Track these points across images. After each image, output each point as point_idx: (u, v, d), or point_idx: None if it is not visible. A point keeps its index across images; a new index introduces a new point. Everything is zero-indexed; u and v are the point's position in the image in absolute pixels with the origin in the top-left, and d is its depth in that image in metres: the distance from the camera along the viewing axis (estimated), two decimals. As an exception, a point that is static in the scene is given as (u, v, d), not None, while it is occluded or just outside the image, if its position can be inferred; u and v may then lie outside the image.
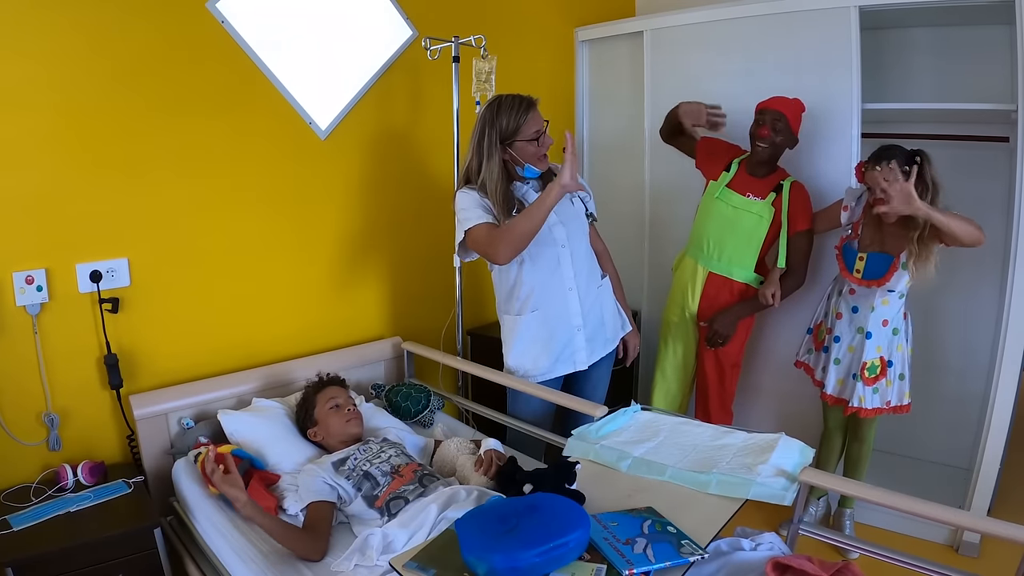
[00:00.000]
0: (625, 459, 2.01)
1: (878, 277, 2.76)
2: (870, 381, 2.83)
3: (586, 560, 1.50)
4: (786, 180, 3.02)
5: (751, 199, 3.03)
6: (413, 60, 3.17)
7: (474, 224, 2.42)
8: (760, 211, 3.02)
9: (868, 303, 2.81)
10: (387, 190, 3.21)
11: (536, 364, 2.63)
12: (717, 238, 3.09)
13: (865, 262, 2.78)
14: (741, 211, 3.04)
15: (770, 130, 2.91)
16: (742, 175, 3.08)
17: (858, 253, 2.81)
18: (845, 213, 2.92)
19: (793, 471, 1.92)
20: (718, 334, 3.07)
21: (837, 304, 2.93)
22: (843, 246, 2.88)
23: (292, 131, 2.86)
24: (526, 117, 2.43)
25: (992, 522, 1.81)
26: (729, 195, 3.06)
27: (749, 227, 3.04)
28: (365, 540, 1.82)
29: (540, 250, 2.52)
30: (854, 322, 2.86)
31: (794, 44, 3.26)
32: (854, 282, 2.82)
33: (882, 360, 2.83)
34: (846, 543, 1.97)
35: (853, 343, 2.87)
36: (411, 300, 3.40)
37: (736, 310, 3.08)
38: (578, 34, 4.09)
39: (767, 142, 2.93)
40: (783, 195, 3.00)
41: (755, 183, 3.05)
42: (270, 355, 2.90)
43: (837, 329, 2.91)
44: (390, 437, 2.40)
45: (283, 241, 2.89)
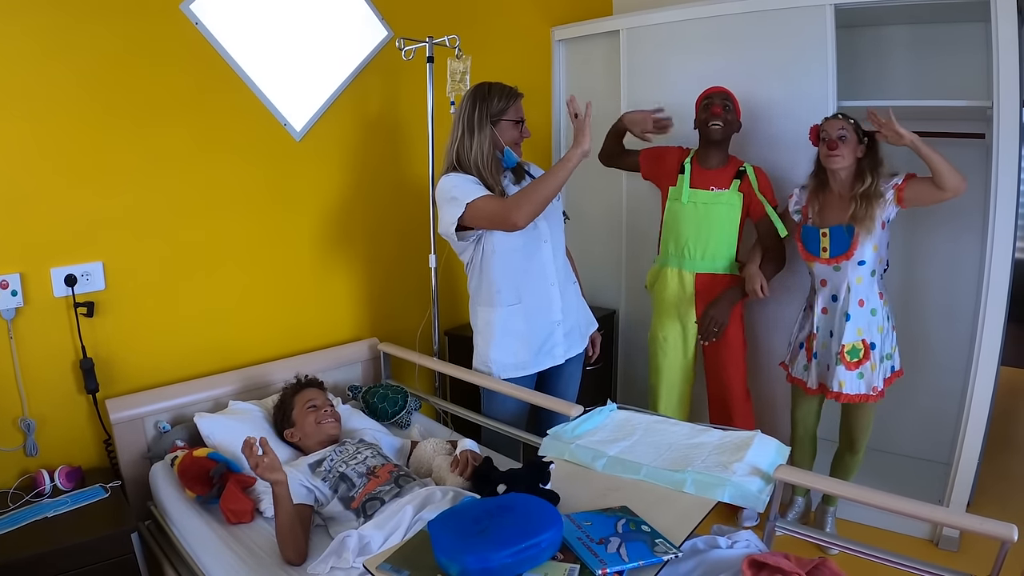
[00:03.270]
0: (600, 458, 2.01)
1: (845, 250, 2.75)
2: (852, 365, 2.81)
3: (559, 560, 1.50)
4: (745, 165, 3.06)
5: (716, 191, 3.05)
6: (388, 61, 3.16)
7: (476, 197, 2.40)
8: (729, 200, 3.05)
9: (844, 285, 2.79)
10: (362, 191, 3.21)
11: (516, 358, 2.63)
12: (696, 239, 3.09)
13: (829, 238, 2.78)
14: (711, 205, 3.06)
15: (721, 108, 2.98)
16: (698, 171, 3.10)
17: (820, 230, 2.80)
18: (791, 199, 2.99)
19: (768, 469, 1.93)
20: (715, 321, 3.03)
21: (817, 303, 2.90)
22: (801, 230, 2.88)
23: (267, 133, 2.85)
24: (514, 102, 2.50)
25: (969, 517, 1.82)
26: (695, 194, 3.08)
27: (724, 218, 3.06)
28: (341, 542, 1.82)
29: (527, 244, 2.54)
30: (837, 311, 2.83)
31: (770, 43, 3.28)
32: (822, 263, 2.81)
33: (864, 344, 2.80)
34: (823, 540, 1.99)
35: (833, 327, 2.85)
36: (388, 301, 3.39)
37: (727, 296, 3.06)
38: (555, 33, 4.10)
39: (720, 120, 2.98)
40: (749, 178, 3.04)
41: (714, 175, 3.07)
42: (247, 357, 2.89)
43: (824, 326, 2.89)
44: (366, 438, 2.40)
45: (259, 243, 2.88)
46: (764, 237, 3.07)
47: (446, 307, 3.52)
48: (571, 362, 2.77)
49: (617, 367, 4.09)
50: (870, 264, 2.75)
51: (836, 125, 2.74)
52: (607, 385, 4.06)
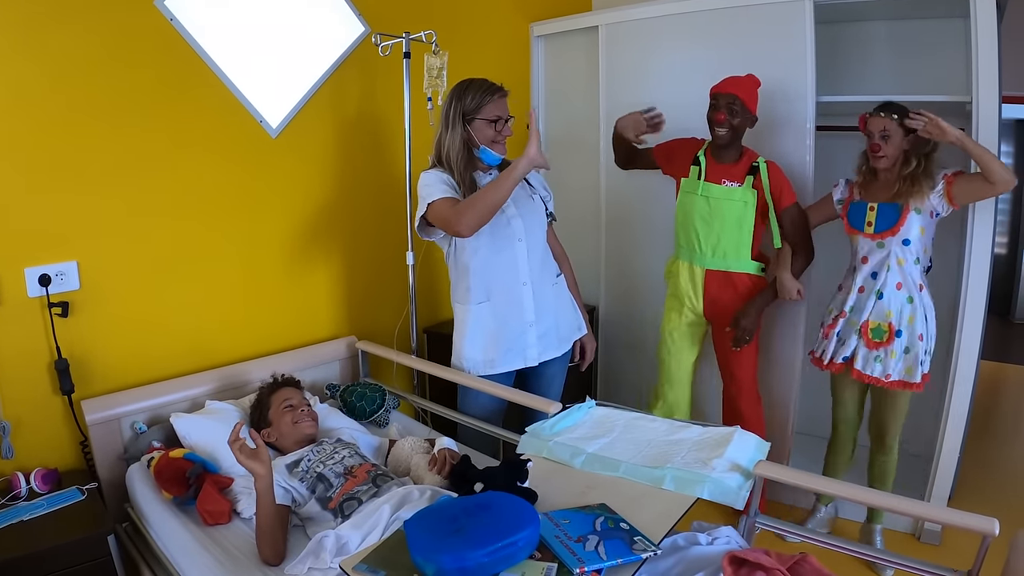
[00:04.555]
0: (579, 456, 2.00)
1: (891, 226, 2.71)
2: (872, 344, 2.78)
3: (537, 559, 1.49)
4: (758, 160, 2.96)
5: (729, 186, 2.96)
6: (365, 57, 3.14)
7: (436, 198, 2.42)
8: (743, 196, 2.95)
9: (884, 264, 2.74)
10: (339, 188, 3.19)
11: (485, 355, 2.63)
12: (706, 233, 3.02)
13: (876, 212, 2.74)
14: (723, 200, 2.97)
15: (725, 114, 2.87)
16: (712, 164, 3.01)
17: (868, 204, 2.77)
18: (836, 189, 2.94)
19: (748, 465, 1.92)
20: (746, 331, 2.97)
21: (855, 282, 2.83)
22: (848, 205, 2.86)
23: (243, 130, 2.83)
24: (490, 99, 2.48)
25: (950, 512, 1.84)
26: (706, 188, 2.98)
27: (735, 215, 2.97)
28: (319, 542, 1.80)
29: (496, 241, 2.53)
30: (874, 289, 2.78)
31: (749, 38, 3.28)
32: (866, 237, 2.77)
33: (890, 327, 2.75)
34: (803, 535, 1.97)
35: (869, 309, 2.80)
36: (366, 299, 3.38)
37: (757, 304, 2.99)
38: (533, 29, 4.09)
39: (724, 126, 2.88)
40: (761, 175, 2.94)
41: (728, 169, 2.98)
42: (224, 357, 2.87)
43: (858, 306, 2.83)
44: (344, 438, 2.38)
45: (236, 241, 2.86)
46: (788, 229, 2.99)
47: (425, 304, 3.51)
48: (551, 365, 2.76)
49: (598, 364, 4.07)
50: (915, 247, 2.70)
51: (879, 124, 2.69)
52: (588, 382, 4.04)
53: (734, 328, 3.00)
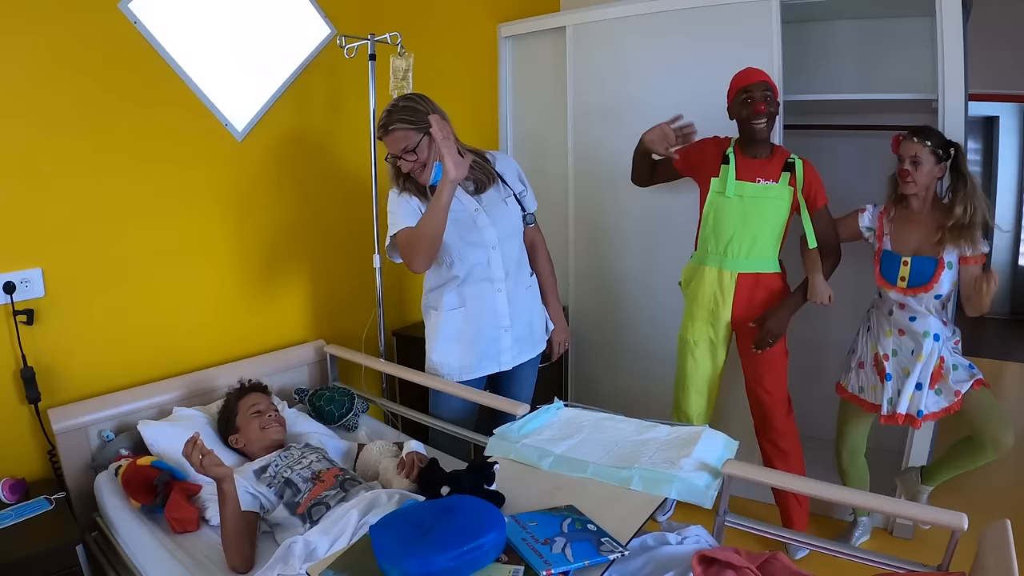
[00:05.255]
0: (546, 457, 2.01)
1: (925, 282, 2.67)
2: (931, 385, 2.72)
3: (504, 562, 1.49)
4: (793, 157, 2.83)
5: (765, 184, 2.81)
6: (331, 59, 3.13)
7: (398, 230, 2.42)
8: (779, 194, 2.81)
9: (922, 310, 2.70)
10: (305, 191, 3.17)
11: (461, 361, 2.62)
12: (740, 236, 2.85)
13: (910, 267, 2.69)
14: (759, 199, 2.81)
15: (764, 104, 2.72)
16: (744, 162, 2.85)
17: (902, 258, 2.71)
18: (863, 215, 2.87)
19: (716, 464, 1.93)
20: (771, 333, 2.84)
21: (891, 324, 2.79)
22: (882, 254, 2.80)
23: (208, 134, 2.80)
24: (380, 135, 2.45)
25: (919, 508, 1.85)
26: (740, 187, 2.82)
27: (771, 214, 2.83)
28: (288, 549, 1.78)
29: (470, 251, 2.51)
30: (917, 332, 2.72)
31: (716, 38, 3.29)
32: (899, 292, 2.72)
33: (941, 359, 2.71)
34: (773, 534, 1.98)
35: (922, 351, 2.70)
36: (334, 302, 3.36)
37: (789, 305, 2.88)
38: (501, 30, 4.08)
39: (765, 117, 2.73)
40: (797, 173, 2.80)
41: (761, 166, 2.83)
42: (191, 363, 2.84)
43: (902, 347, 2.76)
44: (312, 442, 2.37)
45: (201, 246, 2.84)
46: (821, 231, 2.85)
47: (393, 307, 3.49)
48: (523, 368, 2.75)
49: (569, 365, 4.08)
50: (945, 297, 2.69)
51: (911, 150, 2.63)
52: (559, 384, 4.05)
53: (758, 326, 2.88)
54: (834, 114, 3.45)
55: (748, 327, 2.93)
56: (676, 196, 3.38)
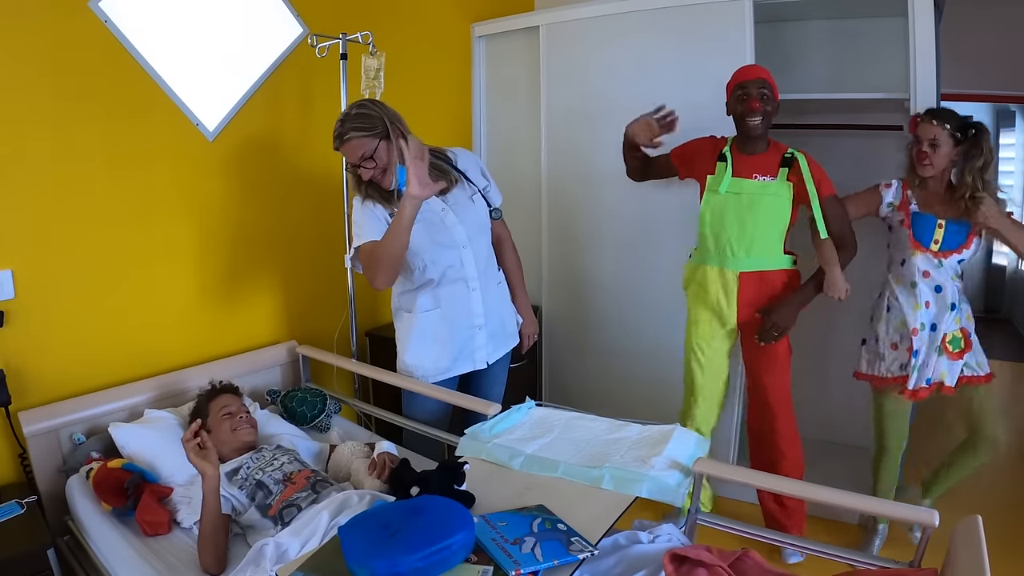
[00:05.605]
0: (517, 457, 2.00)
1: (957, 246, 2.67)
2: (955, 355, 2.72)
3: (473, 562, 1.48)
4: (791, 151, 2.78)
5: (762, 180, 2.77)
6: (303, 58, 3.11)
7: (362, 242, 2.41)
8: (777, 190, 2.76)
9: (948, 277, 2.70)
10: (277, 191, 3.15)
11: (436, 363, 2.60)
12: (739, 234, 2.81)
13: (944, 230, 2.67)
14: (757, 196, 2.77)
15: (760, 101, 2.69)
16: (741, 159, 2.82)
17: (937, 220, 2.68)
18: (887, 191, 2.83)
19: (687, 462, 1.93)
20: (776, 326, 2.78)
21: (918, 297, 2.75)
22: (911, 217, 2.75)
23: (179, 134, 2.78)
24: (337, 146, 2.43)
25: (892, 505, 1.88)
26: (738, 184, 2.79)
27: (771, 210, 2.77)
28: (259, 551, 1.78)
29: (442, 253, 2.49)
30: (943, 302, 2.72)
31: (689, 37, 3.30)
32: (929, 256, 2.70)
33: (964, 332, 2.72)
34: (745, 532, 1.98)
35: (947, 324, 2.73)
36: (306, 303, 3.34)
37: (798, 299, 2.82)
38: (475, 29, 4.07)
39: (759, 114, 2.70)
40: (801, 167, 2.74)
41: (758, 162, 2.80)
42: (163, 364, 2.82)
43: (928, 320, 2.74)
44: (283, 444, 2.36)
45: (173, 247, 2.81)
46: (831, 221, 2.77)
47: (366, 307, 3.48)
48: (495, 365, 2.74)
49: (543, 365, 4.08)
50: (966, 262, 2.71)
51: (929, 132, 2.64)
52: (533, 384, 4.05)
53: (763, 317, 2.83)
54: (807, 114, 3.46)
55: (752, 326, 2.89)
56: (652, 195, 3.39)
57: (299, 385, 3.11)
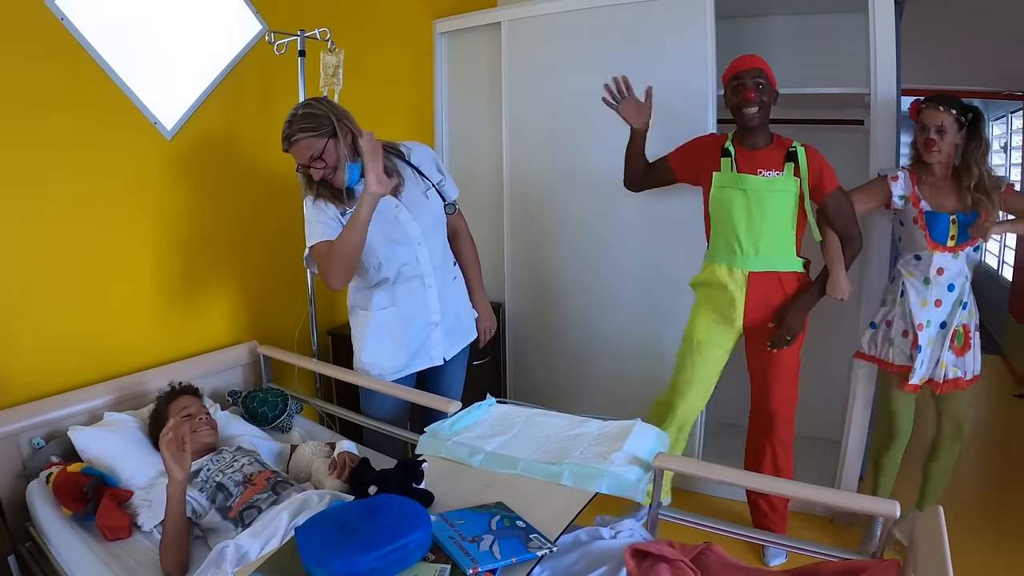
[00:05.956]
0: (477, 454, 2.00)
1: (971, 237, 2.66)
2: (959, 351, 2.74)
3: (431, 561, 1.48)
4: (795, 145, 2.72)
5: (768, 176, 2.69)
6: (262, 55, 3.07)
7: (315, 242, 2.39)
8: (784, 186, 2.69)
9: (960, 273, 2.72)
10: (236, 189, 3.11)
11: (392, 361, 2.59)
12: (747, 231, 2.73)
13: (958, 226, 2.66)
14: (763, 193, 2.69)
15: (754, 90, 2.64)
16: (744, 154, 2.74)
17: (950, 217, 2.68)
18: (896, 183, 2.77)
19: (647, 458, 1.93)
20: (791, 330, 2.73)
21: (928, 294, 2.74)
22: (927, 217, 2.71)
23: (136, 132, 2.74)
24: (288, 150, 2.40)
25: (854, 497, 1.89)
26: (742, 180, 2.71)
27: (779, 207, 2.71)
28: (220, 553, 1.77)
29: (396, 250, 2.47)
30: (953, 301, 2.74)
31: (652, 33, 3.31)
32: (947, 252, 2.68)
33: (965, 328, 2.74)
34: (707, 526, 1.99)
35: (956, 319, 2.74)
36: (266, 302, 3.30)
37: (805, 301, 2.76)
38: (437, 26, 4.05)
39: (755, 104, 2.64)
40: (800, 162, 2.69)
41: (762, 156, 2.72)
42: (123, 366, 2.77)
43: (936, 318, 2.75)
44: (244, 445, 2.34)
45: (131, 247, 2.77)
46: (835, 217, 2.74)
47: (326, 306, 3.45)
48: (453, 362, 2.73)
49: (507, 363, 4.08)
50: (979, 254, 2.72)
51: (935, 118, 2.61)
52: (497, 382, 4.04)
53: (778, 325, 2.77)
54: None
55: (760, 328, 2.83)
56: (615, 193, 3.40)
57: (260, 385, 3.08)
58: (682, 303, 3.12)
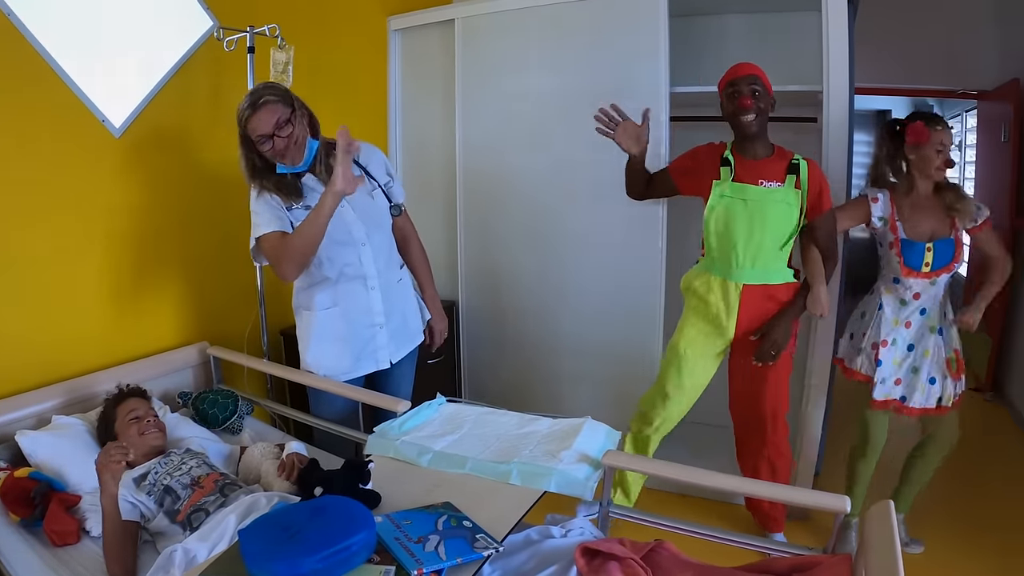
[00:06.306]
0: (426, 454, 1.99)
1: (948, 263, 2.68)
2: (956, 376, 2.77)
3: (375, 562, 1.47)
4: (797, 158, 2.68)
5: (769, 187, 2.64)
6: (212, 51, 3.03)
7: (264, 232, 2.35)
8: (785, 198, 2.63)
9: (935, 298, 2.76)
10: (185, 188, 3.07)
11: (338, 363, 2.57)
12: (746, 243, 2.66)
13: (933, 252, 2.68)
14: (764, 204, 2.63)
15: (751, 98, 2.59)
16: (744, 164, 2.68)
17: (924, 244, 2.69)
18: (876, 205, 2.80)
19: (597, 455, 1.94)
20: (776, 345, 2.71)
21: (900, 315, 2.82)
22: (901, 244, 2.74)
23: (84, 130, 2.69)
24: (249, 122, 2.31)
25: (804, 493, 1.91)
26: (742, 190, 2.65)
27: (779, 219, 2.64)
28: (168, 558, 1.76)
29: (339, 250, 2.45)
30: (924, 325, 2.79)
31: (605, 31, 3.32)
32: (923, 278, 2.71)
33: (956, 352, 2.78)
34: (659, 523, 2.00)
35: (928, 346, 2.78)
36: (217, 302, 3.26)
37: (790, 315, 2.73)
38: (391, 23, 4.03)
39: (752, 111, 2.59)
40: (801, 175, 2.64)
41: (762, 167, 2.67)
42: (70, 369, 2.71)
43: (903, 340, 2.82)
44: (193, 447, 2.32)
45: (77, 247, 2.71)
46: (823, 237, 2.73)
47: (279, 306, 3.38)
48: (401, 364, 2.72)
49: (462, 362, 4.06)
50: (956, 275, 2.75)
51: (945, 138, 2.65)
52: (452, 382, 4.03)
53: (761, 339, 2.74)
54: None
55: (748, 341, 2.79)
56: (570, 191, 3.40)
57: (211, 387, 3.05)
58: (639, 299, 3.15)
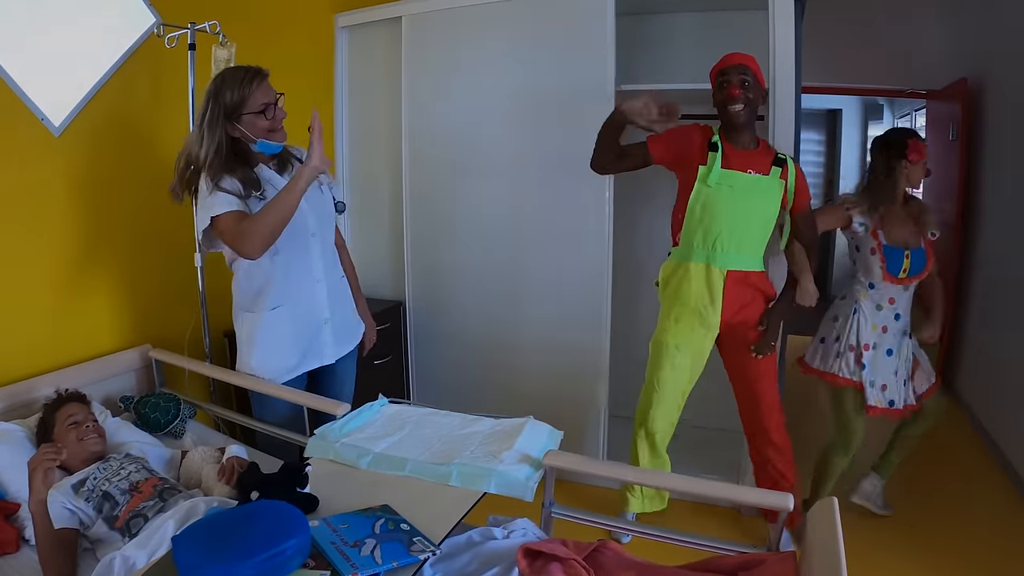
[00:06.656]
0: (365, 456, 1.98)
1: (921, 270, 2.84)
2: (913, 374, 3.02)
3: (311, 567, 1.46)
4: (783, 155, 2.76)
5: (756, 176, 2.69)
6: (154, 48, 2.97)
7: (222, 212, 2.27)
8: (769, 187, 2.70)
9: (908, 302, 2.93)
10: (125, 187, 3.01)
11: (284, 361, 2.54)
12: (731, 229, 2.70)
13: (911, 259, 2.83)
14: (751, 192, 2.69)
15: (740, 88, 2.64)
16: (733, 151, 2.72)
17: (904, 251, 2.83)
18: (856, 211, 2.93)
19: (538, 455, 1.94)
20: (774, 336, 2.81)
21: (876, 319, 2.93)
22: (884, 250, 2.85)
23: (21, 129, 2.62)
24: (251, 88, 2.32)
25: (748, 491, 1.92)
26: (731, 177, 2.68)
27: (763, 207, 2.72)
28: (107, 565, 1.74)
29: (291, 240, 2.41)
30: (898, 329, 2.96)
31: (552, 28, 3.33)
32: (899, 284, 2.86)
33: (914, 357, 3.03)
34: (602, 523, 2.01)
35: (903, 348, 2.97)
36: (159, 304, 3.19)
37: (782, 308, 2.84)
38: (338, 20, 4.00)
39: (740, 101, 2.64)
40: (789, 171, 2.73)
41: (752, 157, 2.72)
42: (9, 374, 2.64)
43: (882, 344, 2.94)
44: (132, 452, 2.28)
45: (11, 249, 2.64)
46: (804, 231, 2.82)
47: (221, 307, 3.28)
48: (343, 363, 2.71)
49: (410, 362, 4.03)
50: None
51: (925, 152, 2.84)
52: (400, 381, 4.02)
53: (764, 331, 2.82)
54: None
55: (735, 331, 2.84)
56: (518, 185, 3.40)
57: (153, 390, 2.99)
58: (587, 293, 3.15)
